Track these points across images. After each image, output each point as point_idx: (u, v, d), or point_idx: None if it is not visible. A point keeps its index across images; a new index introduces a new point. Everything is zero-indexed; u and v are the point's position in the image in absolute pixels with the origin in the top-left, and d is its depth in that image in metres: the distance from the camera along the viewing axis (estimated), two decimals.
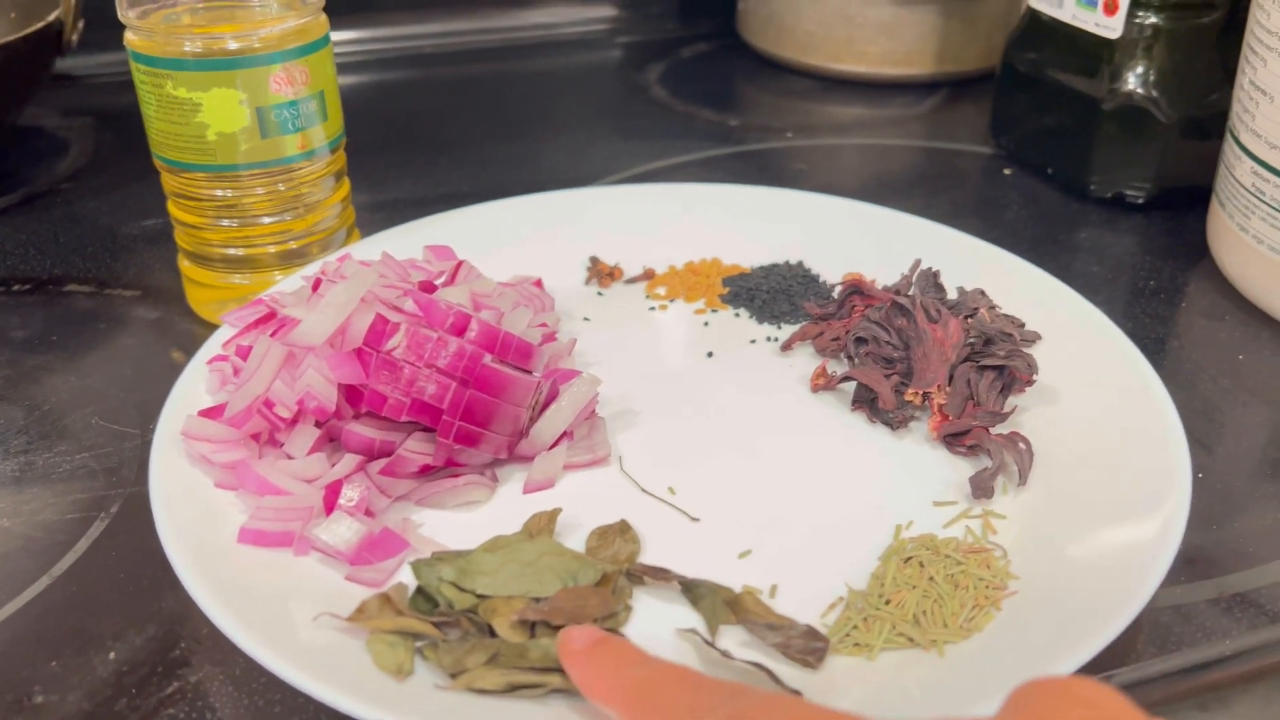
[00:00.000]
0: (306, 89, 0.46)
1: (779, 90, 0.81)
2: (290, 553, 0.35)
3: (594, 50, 0.90)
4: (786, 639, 0.32)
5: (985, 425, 0.41)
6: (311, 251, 0.50)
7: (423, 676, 0.31)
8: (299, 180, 0.48)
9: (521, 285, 0.49)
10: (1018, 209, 0.62)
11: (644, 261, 0.53)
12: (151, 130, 0.47)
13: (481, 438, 0.38)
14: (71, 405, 0.46)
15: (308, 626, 0.32)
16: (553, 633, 0.32)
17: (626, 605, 0.34)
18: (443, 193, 0.64)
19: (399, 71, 0.85)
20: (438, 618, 0.32)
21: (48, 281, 0.55)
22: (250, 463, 0.37)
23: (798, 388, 0.45)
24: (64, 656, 0.34)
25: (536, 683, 0.30)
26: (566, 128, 0.74)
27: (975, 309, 0.44)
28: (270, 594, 0.33)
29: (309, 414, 0.38)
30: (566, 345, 0.46)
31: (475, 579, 0.33)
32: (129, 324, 0.51)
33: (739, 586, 0.35)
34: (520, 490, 0.39)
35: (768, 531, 0.38)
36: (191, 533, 0.35)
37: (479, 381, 0.37)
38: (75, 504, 0.40)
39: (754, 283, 0.51)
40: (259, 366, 0.38)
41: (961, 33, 0.77)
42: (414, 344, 0.37)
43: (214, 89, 0.44)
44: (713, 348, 0.48)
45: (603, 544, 0.36)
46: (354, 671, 0.30)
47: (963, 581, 0.34)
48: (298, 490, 0.37)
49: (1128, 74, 0.58)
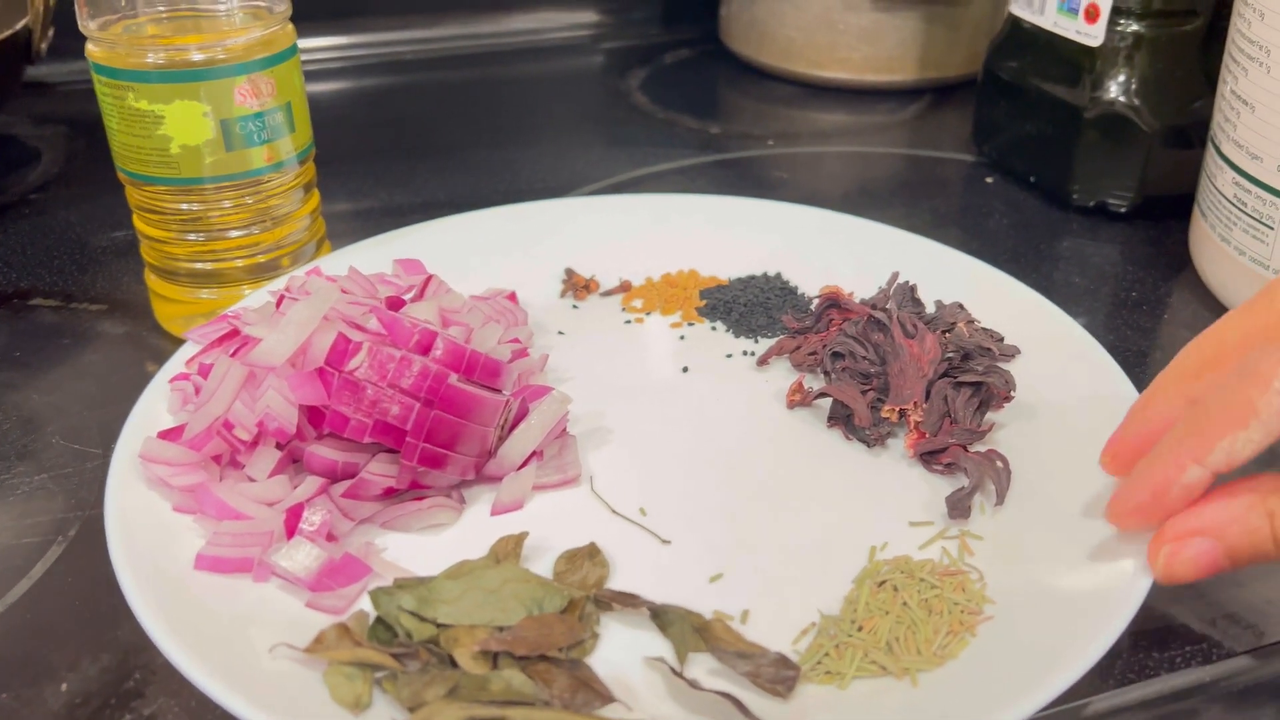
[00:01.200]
0: (273, 100, 0.45)
1: (761, 97, 0.80)
2: (249, 579, 0.34)
3: (577, 56, 0.89)
4: (756, 667, 0.31)
5: (962, 443, 0.40)
6: (281, 264, 0.49)
7: (381, 710, 0.30)
8: (267, 193, 0.47)
9: (494, 299, 0.48)
10: (1000, 217, 0.62)
11: (620, 273, 0.53)
12: (114, 143, 0.46)
13: (447, 459, 0.37)
14: (33, 424, 0.45)
15: (264, 658, 0.31)
16: (516, 663, 0.31)
17: (594, 632, 0.33)
18: (422, 200, 0.64)
19: (379, 78, 0.84)
20: (397, 648, 0.31)
21: (13, 295, 0.54)
22: (209, 486, 0.36)
23: (773, 404, 0.44)
24: (15, 688, 0.33)
25: (497, 716, 0.29)
26: (548, 134, 0.74)
27: (953, 323, 0.44)
28: (227, 623, 0.32)
29: (269, 435, 0.37)
30: (538, 361, 0.45)
31: (436, 607, 0.32)
32: (95, 339, 0.50)
33: (710, 612, 0.34)
34: (488, 512, 0.38)
35: (740, 554, 0.37)
36: (147, 559, 0.34)
37: (444, 402, 0.36)
38: (33, 527, 0.39)
39: (731, 295, 0.50)
40: (218, 387, 0.37)
41: (944, 39, 0.77)
42: (376, 364, 0.37)
43: (177, 101, 0.43)
44: (688, 362, 0.47)
45: (571, 568, 0.36)
46: (312, 705, 0.30)
47: (937, 606, 0.33)
48: (258, 514, 0.36)
49: (1109, 82, 0.58)
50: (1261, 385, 0.28)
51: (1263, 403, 0.28)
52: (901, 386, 0.41)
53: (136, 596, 0.32)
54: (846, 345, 0.43)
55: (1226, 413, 0.28)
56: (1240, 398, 0.28)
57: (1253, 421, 0.28)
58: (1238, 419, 0.28)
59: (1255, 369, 0.28)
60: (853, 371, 0.43)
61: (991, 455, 0.39)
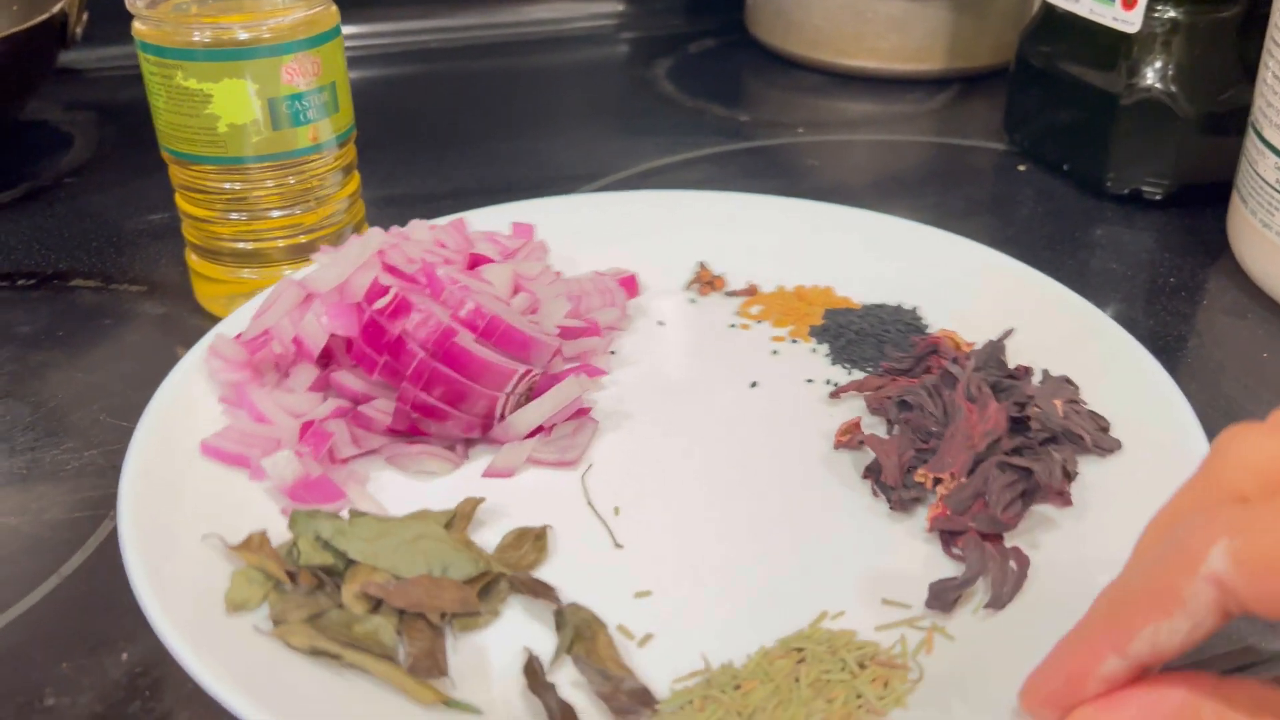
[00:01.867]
0: (317, 80, 0.45)
1: (788, 85, 0.80)
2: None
3: (600, 46, 0.89)
4: (614, 690, 0.30)
5: (984, 530, 0.35)
6: (319, 246, 0.49)
7: (255, 618, 0.32)
8: (309, 173, 0.47)
9: (601, 277, 0.48)
10: (1032, 205, 0.62)
11: (752, 277, 0.51)
12: (160, 122, 0.46)
13: (442, 412, 0.38)
14: (78, 401, 0.45)
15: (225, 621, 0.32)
16: (394, 614, 0.32)
17: (495, 610, 0.33)
18: (452, 187, 0.64)
19: (405, 66, 0.84)
20: (290, 566, 0.33)
21: (53, 276, 0.54)
22: (248, 386, 0.40)
23: (819, 440, 0.41)
24: (75, 658, 0.33)
25: (338, 654, 0.30)
26: (573, 123, 0.74)
27: (1030, 397, 0.39)
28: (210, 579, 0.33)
29: (303, 353, 0.40)
30: (604, 342, 0.45)
31: (350, 542, 0.34)
32: (135, 319, 0.51)
33: (616, 625, 0.33)
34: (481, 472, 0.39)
35: (683, 578, 0.35)
36: (154, 527, 0.34)
37: (447, 357, 0.38)
38: (83, 502, 0.39)
39: (849, 320, 0.47)
40: (276, 301, 0.41)
41: (973, 28, 0.77)
42: (397, 309, 0.39)
43: (224, 80, 0.43)
44: (763, 378, 0.45)
45: (513, 544, 0.35)
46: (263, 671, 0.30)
47: (830, 693, 0.30)
48: (278, 421, 0.39)
49: (1146, 69, 0.57)
50: (1188, 568, 0.23)
51: (1189, 591, 0.23)
52: (946, 452, 0.37)
53: (135, 564, 0.32)
54: (918, 398, 0.40)
55: (1150, 598, 0.24)
56: (1163, 582, 0.23)
57: (1177, 611, 0.23)
58: (1164, 606, 0.23)
59: (1183, 546, 0.23)
60: (915, 425, 0.39)
61: (1010, 552, 0.34)
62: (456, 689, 0.31)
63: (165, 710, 0.31)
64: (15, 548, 0.37)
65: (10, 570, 0.36)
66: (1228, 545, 0.22)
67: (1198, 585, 0.23)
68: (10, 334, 0.49)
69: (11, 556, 0.37)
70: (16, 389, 0.46)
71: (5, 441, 0.42)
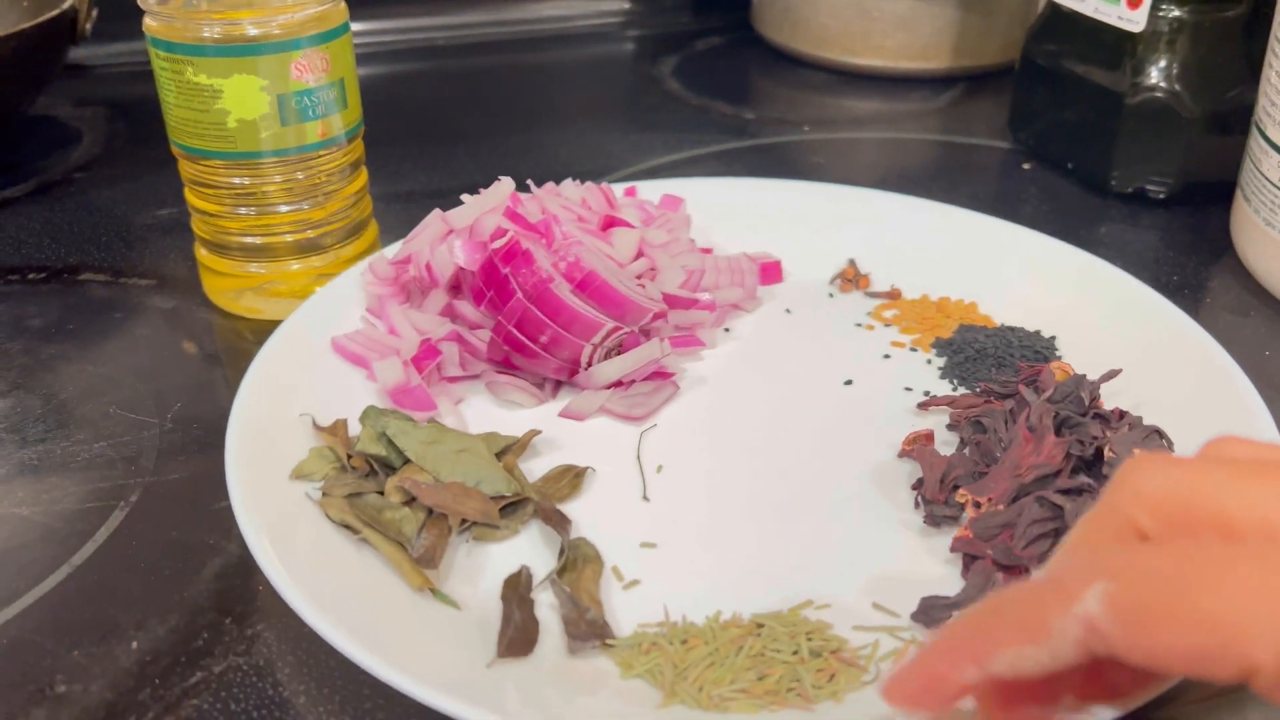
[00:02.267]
0: (327, 76, 0.46)
1: (794, 84, 0.80)
2: None
3: (607, 43, 0.89)
4: (578, 617, 0.32)
5: (1000, 561, 0.34)
6: (326, 243, 0.49)
7: (310, 487, 0.37)
8: (317, 169, 0.48)
9: (739, 259, 0.50)
10: (1037, 204, 0.62)
11: (900, 280, 0.51)
12: (170, 117, 0.46)
13: (531, 351, 0.42)
14: (89, 394, 0.45)
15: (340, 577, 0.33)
16: (423, 512, 0.35)
17: (515, 529, 0.36)
18: (460, 183, 0.64)
19: (412, 63, 0.84)
20: (349, 450, 0.38)
21: (63, 270, 0.55)
22: (389, 301, 0.45)
23: (886, 447, 0.41)
24: (85, 646, 0.33)
25: (360, 530, 0.34)
26: (580, 120, 0.74)
27: (1096, 438, 0.37)
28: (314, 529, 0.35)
29: (434, 279, 0.45)
30: (713, 317, 0.47)
31: (407, 442, 0.37)
32: (145, 313, 0.51)
33: (610, 563, 0.35)
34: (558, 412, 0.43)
35: (690, 540, 0.36)
36: (263, 401, 0.39)
37: (541, 302, 0.41)
38: (94, 493, 0.40)
39: (975, 338, 0.46)
40: (422, 231, 0.46)
41: (979, 26, 0.77)
42: (508, 253, 0.42)
43: (234, 75, 0.44)
44: (861, 379, 0.45)
45: (555, 477, 0.38)
46: (386, 634, 0.31)
47: (769, 669, 0.31)
48: (406, 334, 0.44)
49: (1150, 68, 0.58)
50: (1063, 604, 0.23)
51: (1058, 626, 0.23)
52: (992, 478, 0.37)
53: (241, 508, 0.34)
54: (993, 420, 0.39)
55: (1021, 623, 0.24)
56: (1037, 612, 0.24)
57: (1044, 642, 0.23)
58: (1030, 634, 0.24)
59: (1062, 580, 0.24)
60: (984, 448, 0.39)
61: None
62: (447, 585, 0.34)
63: (174, 698, 0.32)
64: (27, 537, 0.38)
65: (22, 559, 0.37)
66: (1104, 589, 0.23)
67: (1067, 622, 0.23)
68: (21, 327, 0.50)
69: (24, 546, 0.37)
70: (28, 381, 0.46)
71: (17, 433, 0.43)
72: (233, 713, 0.31)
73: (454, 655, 0.31)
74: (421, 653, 0.30)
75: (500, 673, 0.30)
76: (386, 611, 0.32)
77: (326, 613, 0.30)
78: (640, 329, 0.44)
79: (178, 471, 0.41)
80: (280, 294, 0.49)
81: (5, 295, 0.52)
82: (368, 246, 0.52)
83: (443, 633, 0.32)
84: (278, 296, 0.49)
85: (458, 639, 0.32)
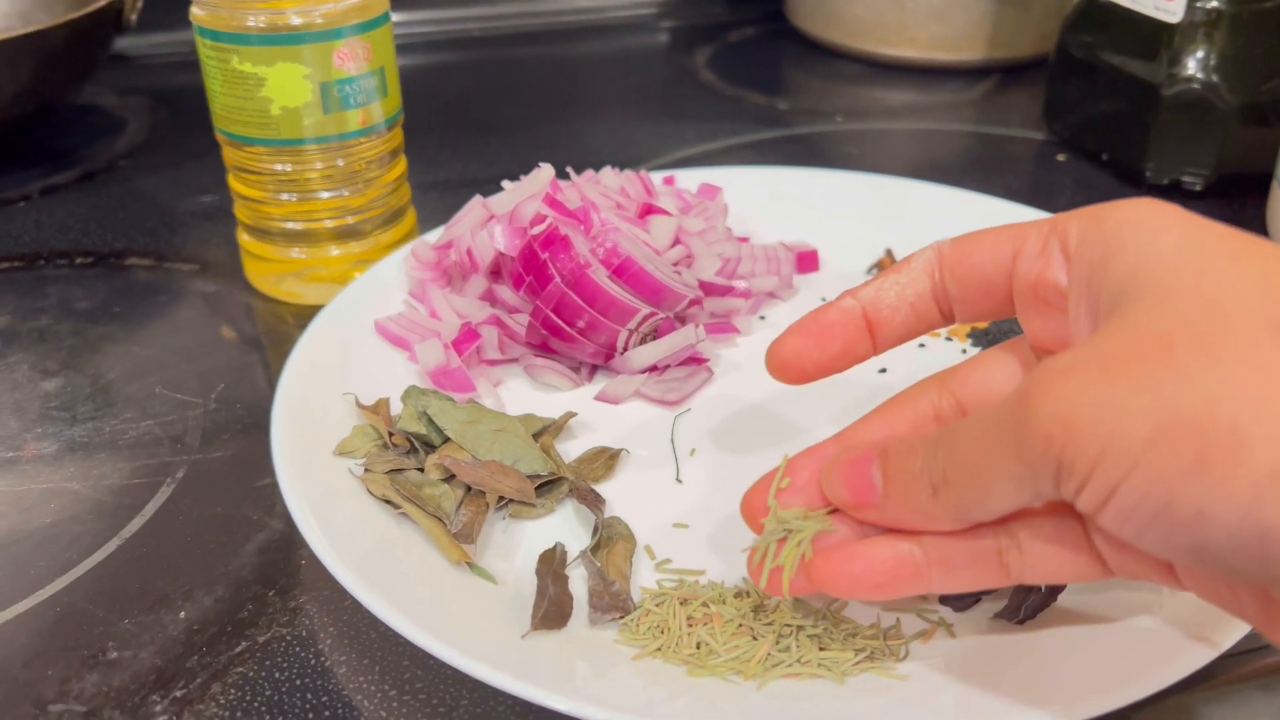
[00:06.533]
0: (368, 65, 0.47)
1: (828, 74, 0.80)
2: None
3: (641, 34, 0.90)
4: (604, 590, 0.33)
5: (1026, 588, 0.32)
6: (365, 229, 0.50)
7: (352, 463, 0.38)
8: (358, 156, 0.48)
9: (776, 247, 0.51)
10: (1071, 195, 0.62)
11: None
12: (215, 105, 0.47)
13: (568, 335, 0.42)
14: (135, 374, 0.46)
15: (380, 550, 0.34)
16: (461, 489, 0.36)
17: (551, 508, 0.37)
18: (497, 172, 0.65)
19: (447, 54, 0.85)
20: (393, 428, 0.38)
21: (109, 255, 0.56)
22: (430, 285, 0.46)
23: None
24: (135, 615, 0.34)
25: (400, 505, 0.35)
26: (614, 110, 0.75)
27: None
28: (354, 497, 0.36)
29: (474, 264, 0.46)
30: (748, 305, 0.48)
31: (447, 420, 0.38)
32: (188, 296, 0.52)
33: (643, 543, 0.36)
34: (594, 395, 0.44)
35: (722, 522, 0.37)
36: (309, 379, 0.40)
37: (578, 286, 0.42)
38: (142, 469, 0.41)
39: (1011, 328, 0.46)
40: (464, 217, 0.47)
41: (1014, 18, 0.77)
42: (546, 239, 0.43)
43: (278, 63, 0.45)
44: (895, 367, 0.45)
45: (590, 459, 0.39)
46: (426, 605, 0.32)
47: (761, 632, 0.31)
48: (446, 317, 0.45)
49: (1187, 59, 0.57)
50: (928, 248, 0.31)
51: (919, 255, 0.31)
52: None
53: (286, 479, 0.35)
54: None
55: (894, 269, 0.31)
56: (905, 262, 0.31)
57: (904, 269, 0.31)
58: (896, 268, 0.31)
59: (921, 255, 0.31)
60: None
61: None
62: (483, 559, 0.35)
63: (221, 665, 0.33)
64: (79, 510, 0.39)
65: (75, 531, 0.38)
66: (954, 240, 0.30)
67: (927, 250, 0.31)
68: (70, 310, 0.51)
69: (75, 519, 0.38)
70: (76, 362, 0.47)
71: (67, 411, 0.44)
72: (277, 680, 0.32)
73: (489, 627, 0.32)
74: (458, 623, 0.31)
75: (533, 644, 0.31)
76: (425, 583, 0.33)
77: (368, 583, 0.31)
78: (676, 315, 0.45)
79: (222, 450, 0.42)
80: (320, 279, 0.50)
81: (54, 279, 0.54)
82: (406, 233, 0.53)
83: (479, 605, 0.33)
84: (317, 281, 0.50)
85: (493, 611, 0.32)
